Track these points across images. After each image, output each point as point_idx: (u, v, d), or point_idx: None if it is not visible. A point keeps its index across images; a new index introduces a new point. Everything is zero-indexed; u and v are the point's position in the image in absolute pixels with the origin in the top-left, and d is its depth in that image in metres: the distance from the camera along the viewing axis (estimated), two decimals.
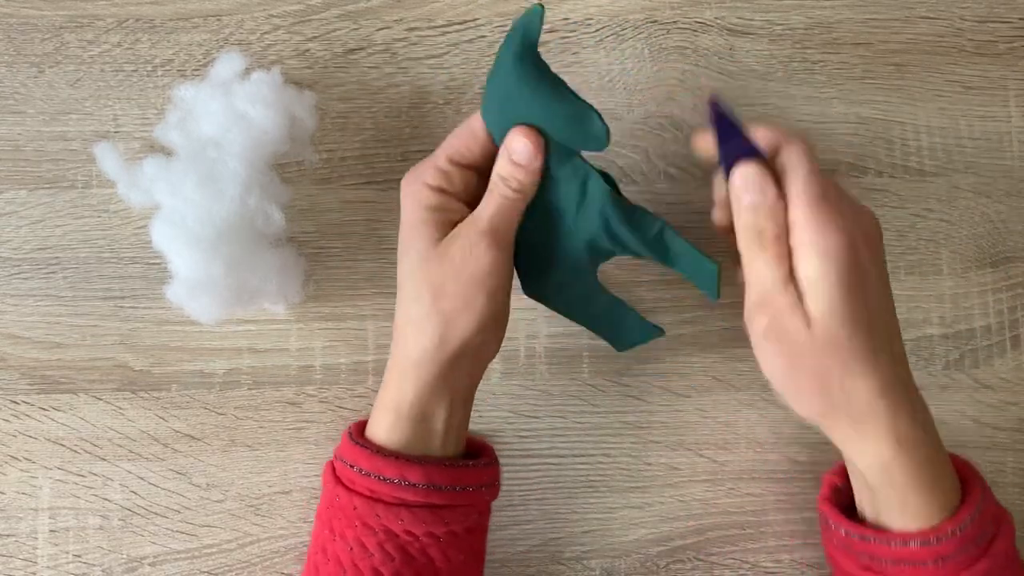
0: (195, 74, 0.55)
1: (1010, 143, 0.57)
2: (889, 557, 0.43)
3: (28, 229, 0.53)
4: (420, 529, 0.44)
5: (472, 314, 0.43)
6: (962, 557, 0.42)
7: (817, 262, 0.39)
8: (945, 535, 0.42)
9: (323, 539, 0.46)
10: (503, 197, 0.44)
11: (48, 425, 0.52)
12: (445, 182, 0.44)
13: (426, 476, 0.44)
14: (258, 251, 0.50)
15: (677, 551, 0.54)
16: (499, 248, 0.43)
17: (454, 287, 0.43)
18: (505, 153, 0.43)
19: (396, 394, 0.45)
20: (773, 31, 0.57)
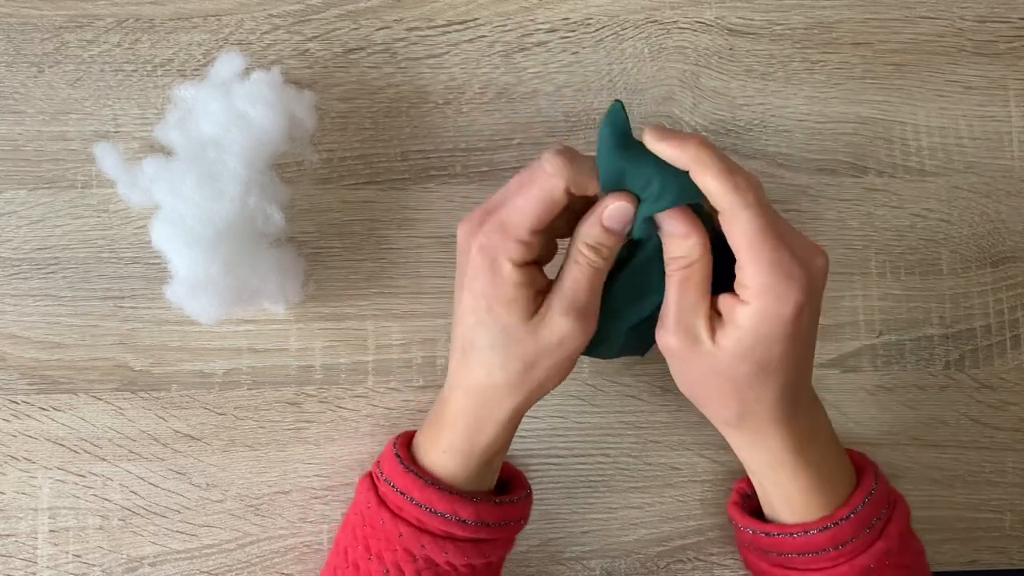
0: (195, 74, 0.55)
1: (1010, 143, 0.57)
2: (793, 549, 0.45)
3: (28, 229, 0.53)
4: (461, 561, 0.44)
5: (559, 379, 0.44)
6: (859, 540, 0.45)
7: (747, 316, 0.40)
8: (841, 519, 0.44)
9: (356, 555, 0.45)
10: (592, 268, 0.42)
11: (48, 425, 0.52)
12: (529, 255, 0.42)
13: (477, 514, 0.44)
14: (258, 251, 0.50)
15: (677, 551, 0.54)
16: (591, 320, 0.43)
17: (548, 361, 0.42)
18: (595, 219, 0.41)
19: (468, 443, 0.45)
20: (773, 31, 0.57)
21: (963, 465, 0.56)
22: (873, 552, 0.45)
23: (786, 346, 0.41)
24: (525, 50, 0.56)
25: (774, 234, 0.40)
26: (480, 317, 0.42)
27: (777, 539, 0.46)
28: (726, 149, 0.56)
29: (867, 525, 0.45)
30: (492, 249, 0.41)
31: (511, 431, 0.45)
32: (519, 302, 0.42)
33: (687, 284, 0.42)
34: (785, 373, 0.42)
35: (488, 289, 0.42)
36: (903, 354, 0.56)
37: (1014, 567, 0.56)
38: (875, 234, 0.56)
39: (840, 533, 0.44)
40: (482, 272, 0.42)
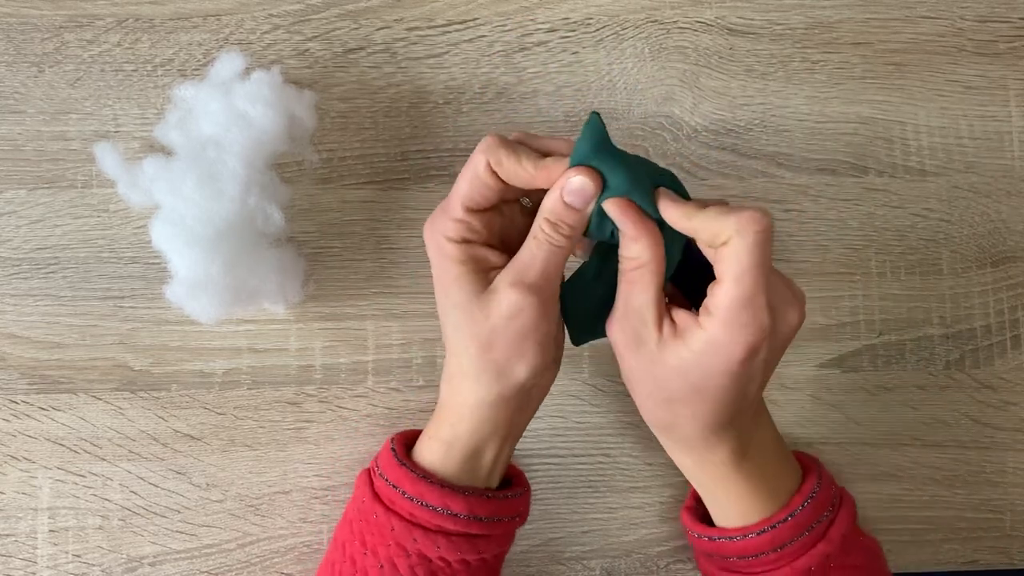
0: (195, 74, 0.55)
1: (1010, 143, 0.57)
2: (734, 552, 0.46)
3: (28, 229, 0.53)
4: (454, 556, 0.44)
5: (525, 362, 0.43)
6: (799, 543, 0.45)
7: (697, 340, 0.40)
8: (779, 522, 0.44)
9: (352, 551, 0.45)
10: (551, 245, 0.41)
11: (48, 425, 0.52)
12: (467, 232, 0.42)
13: (468, 507, 0.44)
14: (258, 251, 0.50)
15: (677, 551, 0.54)
16: (545, 299, 0.42)
17: (503, 340, 0.42)
18: (557, 194, 0.41)
19: (450, 431, 0.45)
20: (773, 31, 0.57)
21: (963, 465, 0.56)
22: (814, 554, 0.45)
23: (727, 381, 0.40)
24: (525, 50, 0.56)
25: (763, 272, 0.39)
26: (440, 304, 0.44)
27: (719, 543, 0.46)
28: (726, 149, 0.56)
29: (807, 528, 0.45)
30: (433, 231, 0.43)
31: (493, 420, 0.44)
32: (465, 279, 0.42)
33: (634, 286, 0.41)
34: (720, 402, 0.41)
35: (437, 272, 0.43)
36: (903, 354, 0.56)
37: (1014, 567, 0.56)
38: (875, 234, 0.56)
39: (778, 536, 0.44)
40: (431, 257, 0.43)
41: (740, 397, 0.42)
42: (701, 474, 0.45)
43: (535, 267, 0.42)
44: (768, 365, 0.42)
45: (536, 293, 0.41)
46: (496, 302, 0.42)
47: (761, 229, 0.39)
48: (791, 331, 0.42)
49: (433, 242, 0.43)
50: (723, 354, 0.40)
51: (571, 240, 0.42)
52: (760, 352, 0.40)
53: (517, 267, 0.42)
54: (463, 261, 0.42)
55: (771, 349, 0.41)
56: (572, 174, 0.40)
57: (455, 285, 0.42)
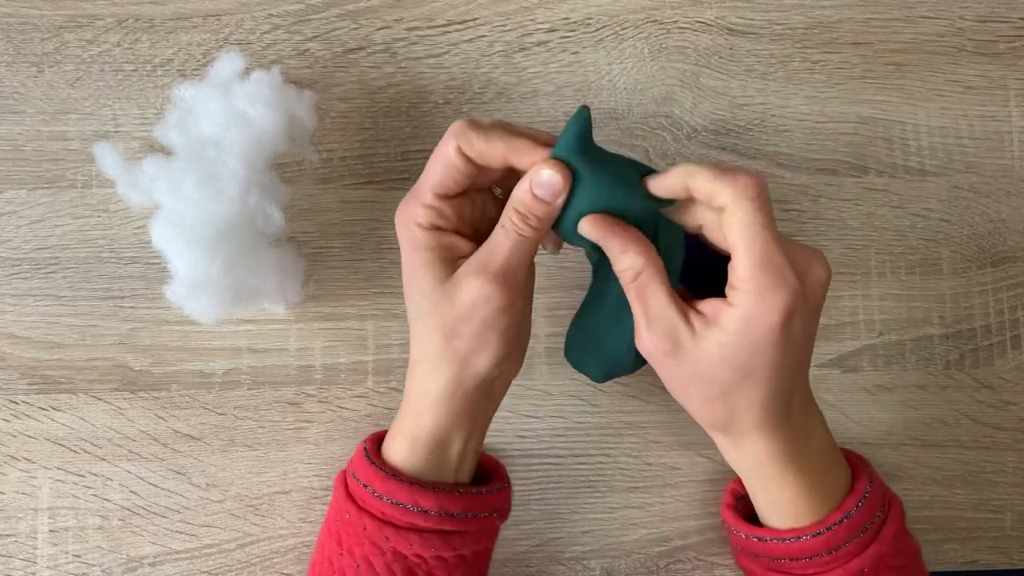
0: (195, 74, 0.55)
1: (1010, 143, 0.57)
2: (786, 554, 0.45)
3: (28, 229, 0.53)
4: (429, 553, 0.44)
5: (488, 352, 0.43)
6: (853, 544, 0.44)
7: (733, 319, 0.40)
8: (834, 523, 0.44)
9: (330, 551, 0.45)
10: (518, 235, 0.41)
11: (48, 425, 0.52)
12: (437, 218, 0.42)
13: (438, 503, 0.44)
14: (258, 251, 0.50)
15: (677, 551, 0.54)
16: (511, 289, 0.42)
17: (467, 328, 0.42)
18: (526, 185, 0.40)
19: (413, 425, 0.45)
20: (773, 31, 0.57)
21: (963, 465, 0.56)
22: (867, 555, 0.44)
23: (773, 354, 0.40)
24: (525, 50, 0.56)
25: (772, 234, 0.39)
26: (407, 290, 0.43)
27: (769, 544, 0.45)
28: (726, 149, 0.56)
29: (861, 529, 0.44)
30: (404, 217, 0.43)
31: (454, 412, 0.44)
32: (432, 266, 0.42)
33: (645, 292, 0.41)
34: (773, 380, 0.41)
35: (406, 257, 0.43)
36: (903, 354, 0.56)
37: (1014, 567, 0.56)
38: (875, 234, 0.56)
39: (833, 538, 0.44)
40: (401, 241, 0.43)
41: (791, 372, 0.41)
42: (760, 473, 0.45)
43: (500, 256, 0.41)
44: (807, 328, 0.41)
45: (501, 282, 0.41)
46: (460, 290, 0.42)
47: (758, 193, 0.39)
48: (821, 286, 0.41)
49: (403, 227, 0.43)
50: (762, 324, 0.39)
51: (539, 232, 0.41)
52: (796, 313, 0.39)
53: (483, 256, 0.42)
54: (431, 248, 0.42)
55: (806, 310, 0.40)
56: (542, 167, 0.40)
57: (421, 271, 0.42)
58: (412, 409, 0.45)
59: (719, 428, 0.44)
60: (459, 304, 0.42)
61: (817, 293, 0.41)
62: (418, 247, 0.42)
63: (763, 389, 0.41)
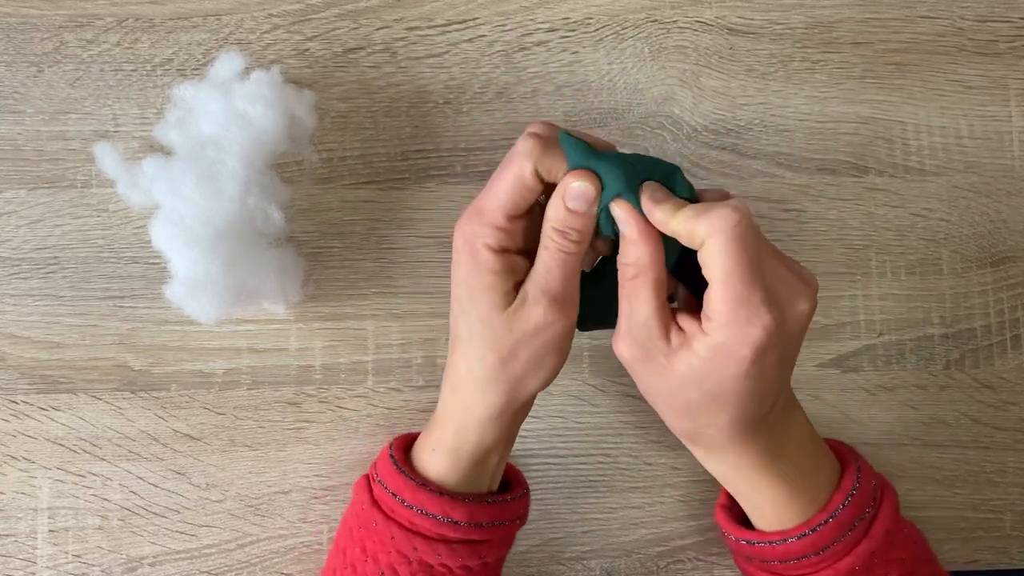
0: (194, 73, 0.55)
1: (1011, 142, 0.57)
2: (774, 556, 0.44)
3: (27, 229, 0.53)
4: (456, 563, 0.44)
5: (543, 373, 0.43)
6: (841, 543, 0.43)
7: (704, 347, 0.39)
8: (819, 524, 0.43)
9: (353, 557, 0.45)
10: (563, 253, 0.41)
11: (47, 425, 0.52)
12: (507, 241, 0.41)
13: (469, 515, 0.44)
14: (257, 251, 0.50)
15: (677, 551, 0.54)
16: (568, 308, 0.42)
17: (525, 352, 0.42)
18: (559, 201, 0.40)
19: (455, 441, 0.44)
20: (773, 31, 0.57)
21: (963, 465, 0.56)
22: (857, 553, 0.43)
23: (741, 384, 0.39)
24: (525, 50, 0.56)
25: (750, 268, 0.38)
26: (462, 307, 0.42)
27: (758, 547, 0.45)
28: (726, 149, 0.56)
29: (848, 527, 0.43)
30: (471, 236, 0.41)
31: (500, 430, 0.44)
32: (496, 290, 0.41)
33: (636, 296, 0.40)
34: (739, 407, 0.40)
35: (468, 277, 0.42)
36: (903, 354, 0.56)
37: (1014, 567, 0.56)
38: (875, 234, 0.56)
39: (819, 539, 0.43)
40: (463, 260, 0.42)
41: (760, 399, 0.41)
42: (736, 480, 0.44)
43: (555, 279, 0.41)
44: (784, 360, 0.41)
45: (561, 305, 0.41)
46: (521, 317, 0.41)
47: (733, 226, 0.37)
48: (801, 322, 0.40)
49: (469, 248, 0.41)
50: (731, 357, 0.39)
51: (582, 244, 0.41)
52: (769, 350, 0.39)
53: (537, 280, 0.41)
54: (497, 271, 0.41)
55: (783, 345, 0.39)
56: (570, 179, 0.40)
57: (485, 295, 0.41)
58: (456, 426, 0.44)
59: (688, 439, 0.44)
60: (518, 330, 0.41)
61: (795, 329, 0.40)
62: (485, 270, 0.41)
63: (729, 413, 0.41)
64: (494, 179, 0.41)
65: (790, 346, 0.41)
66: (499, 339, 0.42)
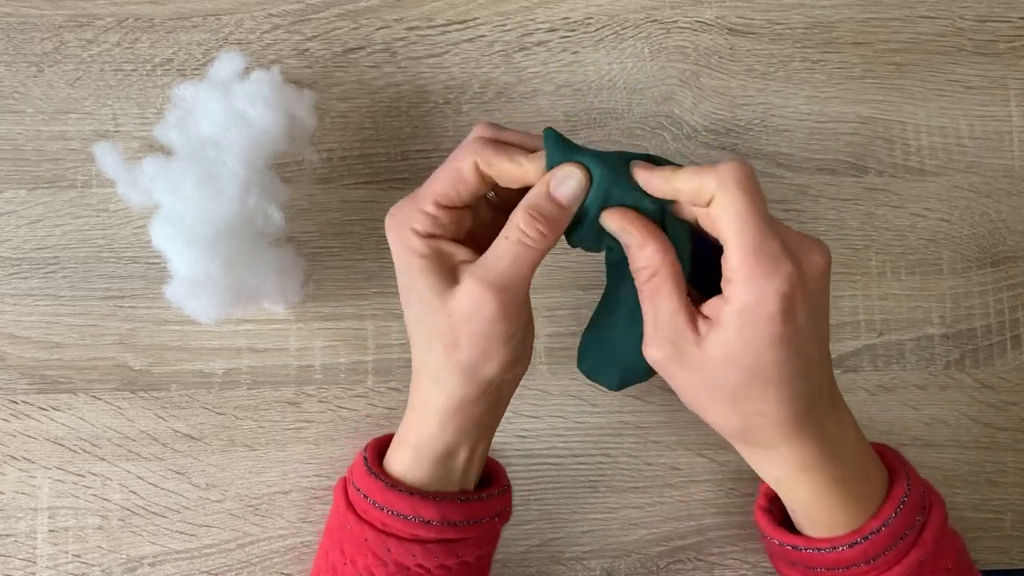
0: (194, 73, 0.55)
1: (1011, 142, 0.57)
2: (822, 564, 0.43)
3: (27, 229, 0.53)
4: (432, 563, 0.43)
5: (492, 362, 0.41)
6: (892, 552, 0.42)
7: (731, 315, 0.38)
8: (871, 532, 0.42)
9: (334, 559, 0.45)
10: (522, 246, 0.40)
11: (47, 425, 0.52)
12: (434, 226, 0.41)
13: (440, 513, 0.43)
14: (257, 251, 0.50)
15: (677, 551, 0.54)
16: (511, 298, 0.40)
17: (468, 339, 0.40)
18: (542, 189, 0.40)
19: (416, 434, 0.44)
20: (773, 31, 0.57)
21: (963, 465, 0.56)
22: (907, 563, 0.42)
23: (779, 351, 0.38)
24: (525, 50, 0.56)
25: (762, 218, 0.37)
26: (401, 294, 0.43)
27: (805, 554, 0.43)
28: (726, 149, 0.56)
29: (899, 536, 0.42)
30: (399, 222, 0.42)
31: (462, 423, 0.43)
32: (429, 273, 0.41)
33: (657, 295, 0.39)
34: (785, 381, 0.39)
35: (400, 264, 0.42)
36: (903, 354, 0.56)
37: (1014, 567, 0.56)
38: (875, 234, 0.56)
39: (871, 548, 0.42)
40: (394, 248, 0.42)
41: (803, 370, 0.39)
42: (790, 482, 0.43)
43: (501, 265, 0.40)
44: (813, 318, 0.39)
45: (501, 291, 0.40)
46: (458, 299, 0.40)
47: (742, 177, 0.37)
48: (820, 273, 0.39)
49: (396, 233, 0.42)
50: (760, 316, 0.37)
51: (547, 241, 0.40)
52: (797, 302, 0.37)
53: (484, 264, 0.40)
54: (426, 255, 0.41)
55: (808, 298, 0.38)
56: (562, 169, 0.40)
57: (417, 278, 0.41)
58: (416, 419, 0.44)
59: (739, 438, 0.42)
60: (457, 313, 0.40)
61: (817, 280, 0.39)
62: (413, 254, 0.41)
63: (776, 391, 0.39)
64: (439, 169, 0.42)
65: (816, 303, 0.39)
66: (440, 324, 0.41)
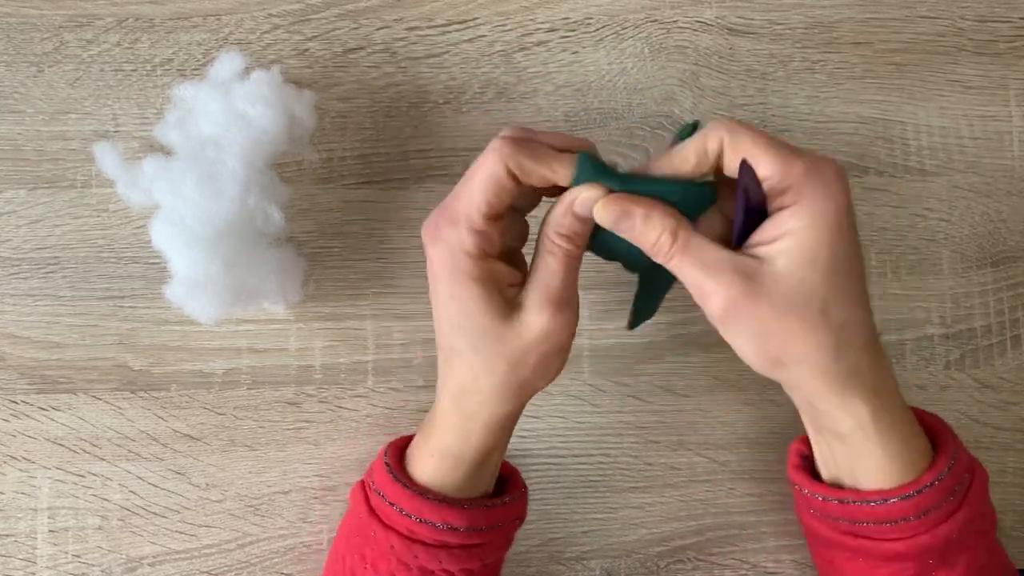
0: (194, 73, 0.55)
1: (1011, 143, 0.57)
2: (869, 517, 0.42)
3: (27, 229, 0.53)
4: (456, 567, 0.44)
5: (550, 374, 0.43)
6: (943, 508, 0.41)
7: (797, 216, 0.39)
8: (925, 487, 0.41)
9: (353, 563, 0.45)
10: (567, 257, 0.41)
11: (47, 425, 0.52)
12: (487, 245, 0.40)
13: (469, 520, 0.43)
14: (257, 251, 0.50)
15: (677, 551, 0.54)
16: (570, 311, 0.41)
17: (534, 358, 0.41)
18: (565, 208, 0.40)
19: (459, 446, 0.44)
20: (773, 31, 0.57)
21: None
22: (956, 519, 0.41)
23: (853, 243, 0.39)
24: (525, 50, 0.56)
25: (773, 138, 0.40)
26: (455, 321, 0.41)
27: (851, 507, 0.42)
28: None
29: (950, 492, 0.41)
30: (446, 244, 0.40)
31: (504, 434, 0.44)
32: (490, 300, 0.40)
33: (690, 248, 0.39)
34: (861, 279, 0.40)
35: (455, 290, 0.40)
36: (903, 354, 0.56)
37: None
38: (875, 234, 0.56)
39: (923, 501, 0.41)
40: (444, 272, 0.41)
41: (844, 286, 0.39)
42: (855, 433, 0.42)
43: (558, 283, 0.41)
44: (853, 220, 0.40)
45: (563, 309, 0.41)
46: (528, 325, 0.41)
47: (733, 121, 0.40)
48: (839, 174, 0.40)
49: (446, 257, 0.40)
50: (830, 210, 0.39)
51: (583, 247, 0.41)
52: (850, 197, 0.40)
53: (540, 286, 0.41)
54: (483, 280, 0.40)
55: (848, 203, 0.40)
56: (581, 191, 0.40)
57: (478, 306, 0.40)
58: (461, 432, 0.44)
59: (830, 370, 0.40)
60: (527, 338, 0.41)
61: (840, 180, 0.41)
62: (469, 279, 0.40)
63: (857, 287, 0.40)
64: (463, 182, 0.40)
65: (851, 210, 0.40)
66: (507, 348, 0.41)
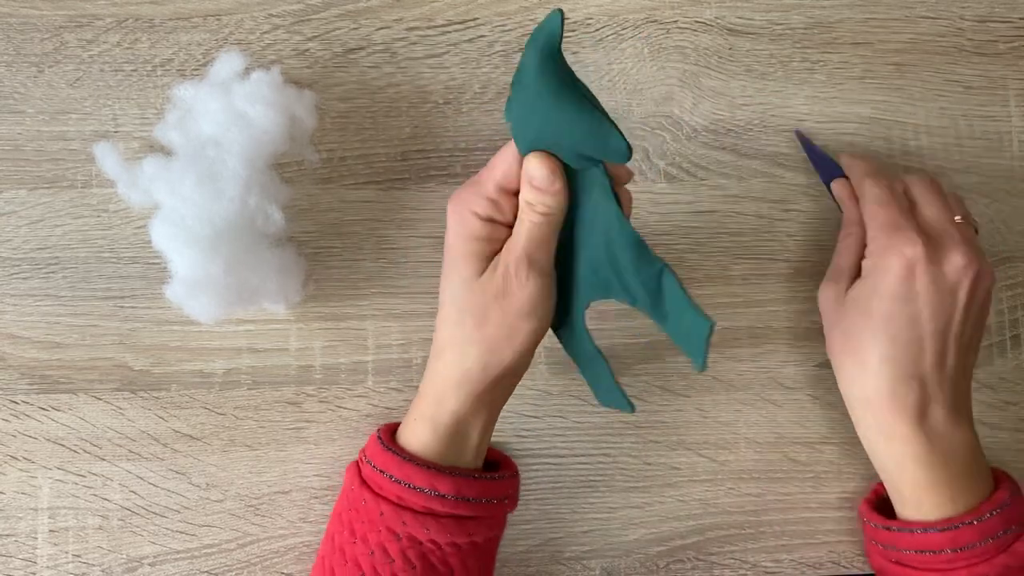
0: (194, 74, 0.55)
1: (1010, 143, 0.57)
2: (911, 546, 0.46)
3: (28, 229, 0.53)
4: (444, 539, 0.45)
5: (516, 341, 0.44)
6: (980, 548, 0.45)
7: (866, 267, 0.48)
8: (964, 522, 0.45)
9: (342, 540, 0.46)
10: (532, 223, 0.42)
11: (48, 425, 0.52)
12: (495, 211, 0.43)
13: (456, 488, 0.45)
14: (258, 251, 0.50)
15: (677, 551, 0.54)
16: (539, 274, 0.43)
17: (498, 316, 0.43)
18: (525, 184, 0.42)
19: (434, 409, 0.46)
20: (773, 31, 0.57)
21: None
22: (995, 564, 0.45)
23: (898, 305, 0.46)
24: None
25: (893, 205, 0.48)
26: (446, 271, 0.44)
27: (895, 534, 0.47)
28: (726, 149, 0.56)
29: (992, 535, 0.45)
30: (461, 203, 0.43)
31: (477, 400, 0.45)
32: (477, 256, 0.43)
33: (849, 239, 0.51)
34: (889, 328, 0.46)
35: (454, 241, 0.44)
36: None
37: None
38: None
39: (960, 536, 0.45)
40: (452, 226, 0.44)
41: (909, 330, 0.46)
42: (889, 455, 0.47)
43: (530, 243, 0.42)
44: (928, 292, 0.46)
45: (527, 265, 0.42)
46: (494, 279, 0.43)
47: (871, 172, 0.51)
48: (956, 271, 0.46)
49: (457, 215, 0.43)
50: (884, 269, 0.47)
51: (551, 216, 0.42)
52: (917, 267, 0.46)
53: (511, 245, 0.43)
54: (482, 238, 0.43)
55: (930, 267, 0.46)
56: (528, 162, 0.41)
57: (466, 258, 0.43)
58: (434, 393, 0.45)
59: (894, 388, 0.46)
60: (493, 290, 0.43)
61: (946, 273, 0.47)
62: (471, 236, 0.43)
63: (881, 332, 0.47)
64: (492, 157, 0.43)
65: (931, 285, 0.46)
66: (474, 301, 0.43)
